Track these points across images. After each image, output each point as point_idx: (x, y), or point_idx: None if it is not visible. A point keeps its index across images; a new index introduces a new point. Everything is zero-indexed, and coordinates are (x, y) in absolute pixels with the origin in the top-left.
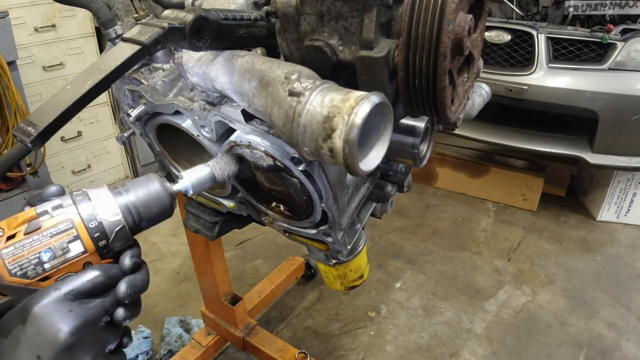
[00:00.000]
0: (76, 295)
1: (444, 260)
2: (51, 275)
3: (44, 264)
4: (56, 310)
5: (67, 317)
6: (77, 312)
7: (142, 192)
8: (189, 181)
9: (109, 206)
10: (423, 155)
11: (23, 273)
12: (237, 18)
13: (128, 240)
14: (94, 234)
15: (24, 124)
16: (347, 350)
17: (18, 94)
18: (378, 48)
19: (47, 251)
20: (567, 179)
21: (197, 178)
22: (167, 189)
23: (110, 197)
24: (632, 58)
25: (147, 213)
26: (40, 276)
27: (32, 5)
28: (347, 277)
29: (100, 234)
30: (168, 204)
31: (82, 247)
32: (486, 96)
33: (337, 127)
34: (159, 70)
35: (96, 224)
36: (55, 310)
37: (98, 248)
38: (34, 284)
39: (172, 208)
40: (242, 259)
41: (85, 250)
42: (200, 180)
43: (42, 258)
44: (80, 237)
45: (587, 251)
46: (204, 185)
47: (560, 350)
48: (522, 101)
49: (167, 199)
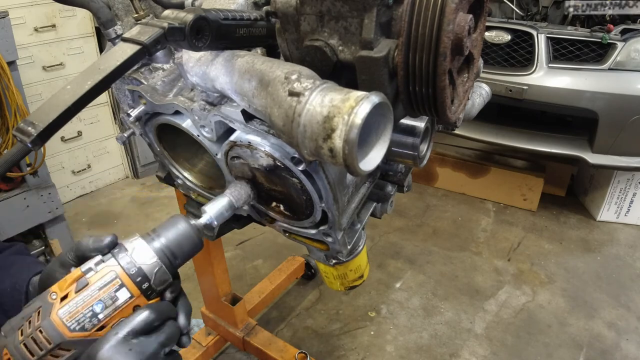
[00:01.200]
0: (133, 335)
1: (444, 260)
2: (106, 324)
3: (98, 315)
4: (117, 352)
5: (129, 355)
6: (137, 350)
7: (171, 234)
8: (211, 214)
9: (144, 252)
10: (423, 155)
11: (81, 327)
12: (237, 18)
13: (168, 279)
14: (136, 279)
15: (24, 124)
16: (347, 350)
17: (18, 94)
18: (378, 48)
19: (99, 303)
20: (567, 179)
21: (218, 210)
22: (194, 226)
23: (144, 244)
24: (632, 58)
25: (180, 251)
26: (97, 326)
27: (32, 5)
28: (347, 277)
29: (141, 278)
30: (197, 239)
31: (129, 292)
32: (486, 96)
33: (337, 127)
34: (159, 70)
35: (136, 270)
36: (117, 352)
37: (142, 291)
38: (92, 334)
39: (201, 242)
40: (242, 259)
41: (132, 295)
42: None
43: (95, 310)
44: (125, 284)
45: (587, 251)
46: (225, 215)
47: (560, 350)
48: (522, 101)
49: (195, 235)
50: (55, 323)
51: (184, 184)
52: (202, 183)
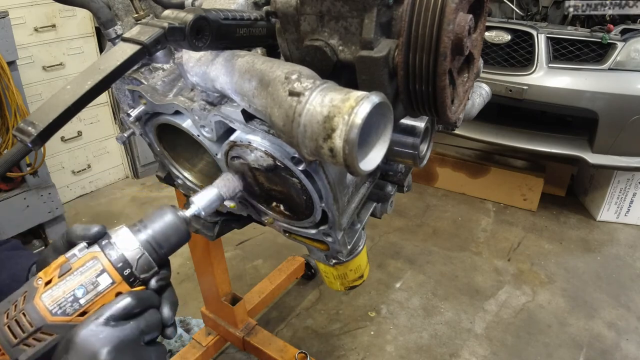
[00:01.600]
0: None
1: (444, 260)
2: (88, 309)
3: (79, 300)
4: (94, 335)
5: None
6: (114, 335)
7: (158, 224)
8: (198, 205)
9: (127, 240)
10: (423, 155)
11: (62, 311)
12: (237, 18)
13: (152, 268)
14: (117, 265)
15: (24, 123)
16: (347, 350)
17: (18, 94)
18: (378, 48)
19: (80, 288)
20: (567, 179)
21: (206, 201)
22: (180, 217)
23: (128, 232)
24: (632, 58)
25: (166, 242)
26: (78, 311)
27: (32, 5)
28: (347, 277)
29: (123, 264)
30: (184, 230)
31: (110, 278)
32: (486, 96)
33: (337, 127)
34: (159, 70)
35: (118, 256)
36: (93, 335)
37: (124, 277)
38: (74, 319)
39: (188, 233)
40: (242, 259)
41: (113, 281)
42: (210, 202)
43: (77, 294)
44: (107, 269)
45: (587, 251)
46: (213, 206)
47: (560, 350)
48: (522, 101)
49: (182, 226)
50: (37, 306)
51: (184, 184)
52: (202, 183)
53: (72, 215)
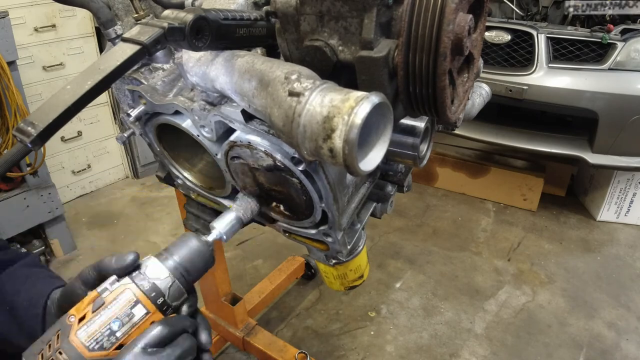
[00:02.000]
0: (148, 348)
1: (444, 260)
2: (125, 342)
3: (116, 333)
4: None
5: None
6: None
7: (183, 251)
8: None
9: (157, 269)
10: (423, 155)
11: (100, 346)
12: (237, 18)
13: (183, 294)
14: (151, 294)
15: (24, 124)
16: (347, 350)
17: (18, 94)
18: (378, 48)
19: (116, 321)
20: (567, 179)
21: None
22: (204, 242)
23: (156, 262)
24: (632, 58)
25: (193, 268)
26: (115, 344)
27: (32, 5)
28: (347, 277)
29: (156, 293)
30: (208, 255)
31: (145, 309)
32: (486, 96)
33: (337, 127)
34: (159, 70)
35: (150, 286)
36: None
37: (158, 306)
38: (111, 353)
39: (212, 257)
40: (242, 259)
41: (148, 311)
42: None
43: (113, 328)
44: (140, 300)
45: (587, 251)
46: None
47: (560, 350)
48: (522, 101)
49: (206, 251)
50: (74, 343)
51: (184, 184)
52: (202, 183)
53: (72, 215)
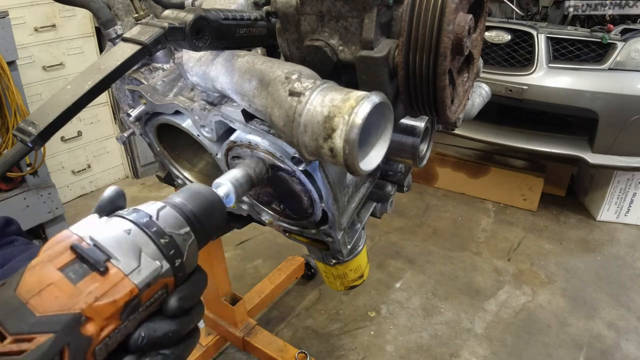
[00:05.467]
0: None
1: (444, 260)
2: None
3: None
4: None
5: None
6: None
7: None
8: (229, 185)
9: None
10: (423, 155)
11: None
12: (237, 18)
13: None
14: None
15: (24, 123)
16: (347, 350)
17: (18, 94)
18: (378, 48)
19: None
20: (567, 179)
21: (236, 180)
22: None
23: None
24: (632, 58)
25: (208, 221)
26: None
27: (32, 5)
28: (347, 277)
29: (175, 251)
30: (224, 210)
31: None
32: (486, 96)
33: (337, 127)
34: (159, 70)
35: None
36: None
37: (174, 268)
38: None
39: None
40: (242, 259)
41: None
42: (241, 182)
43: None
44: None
45: (587, 251)
46: (244, 188)
47: (560, 350)
48: (522, 101)
49: (222, 205)
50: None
51: (184, 184)
52: (203, 183)
53: (72, 215)
